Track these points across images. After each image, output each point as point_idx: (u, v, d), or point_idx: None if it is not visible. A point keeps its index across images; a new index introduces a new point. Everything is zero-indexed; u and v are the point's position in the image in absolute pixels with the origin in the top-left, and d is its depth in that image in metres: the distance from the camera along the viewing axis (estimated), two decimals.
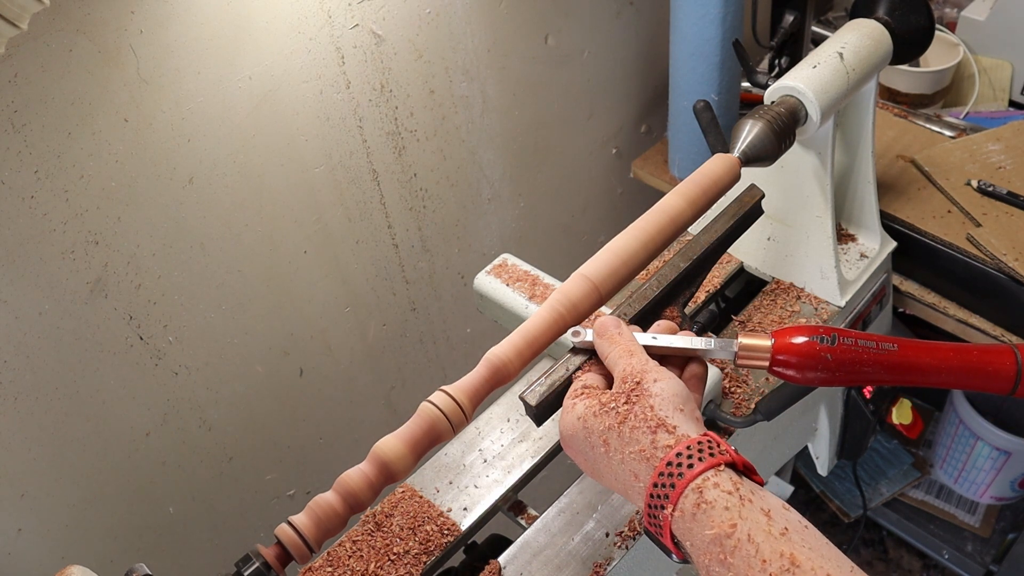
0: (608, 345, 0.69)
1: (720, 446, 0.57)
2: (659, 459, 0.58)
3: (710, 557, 0.53)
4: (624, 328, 0.70)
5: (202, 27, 0.92)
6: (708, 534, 0.53)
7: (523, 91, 1.36)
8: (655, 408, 0.61)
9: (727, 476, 0.55)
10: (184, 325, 1.06)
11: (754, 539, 0.51)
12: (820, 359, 0.68)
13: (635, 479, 0.60)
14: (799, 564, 0.50)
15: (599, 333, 0.70)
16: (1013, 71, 1.57)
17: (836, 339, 0.68)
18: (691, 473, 0.55)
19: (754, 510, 0.53)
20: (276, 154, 1.07)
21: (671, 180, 1.54)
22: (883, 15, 1.07)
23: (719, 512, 0.53)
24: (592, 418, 0.64)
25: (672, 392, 0.62)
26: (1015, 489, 1.95)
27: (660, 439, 0.59)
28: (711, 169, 0.86)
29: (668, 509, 0.56)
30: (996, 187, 1.31)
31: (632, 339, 0.69)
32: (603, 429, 0.62)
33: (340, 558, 0.86)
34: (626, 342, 0.68)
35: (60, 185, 0.88)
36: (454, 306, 1.46)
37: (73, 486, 1.03)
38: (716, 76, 1.38)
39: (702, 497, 0.54)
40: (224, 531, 1.25)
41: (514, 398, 1.02)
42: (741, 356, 0.70)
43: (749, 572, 0.51)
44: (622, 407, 0.62)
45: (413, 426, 0.69)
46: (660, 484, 0.57)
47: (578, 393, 0.67)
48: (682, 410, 0.61)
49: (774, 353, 0.69)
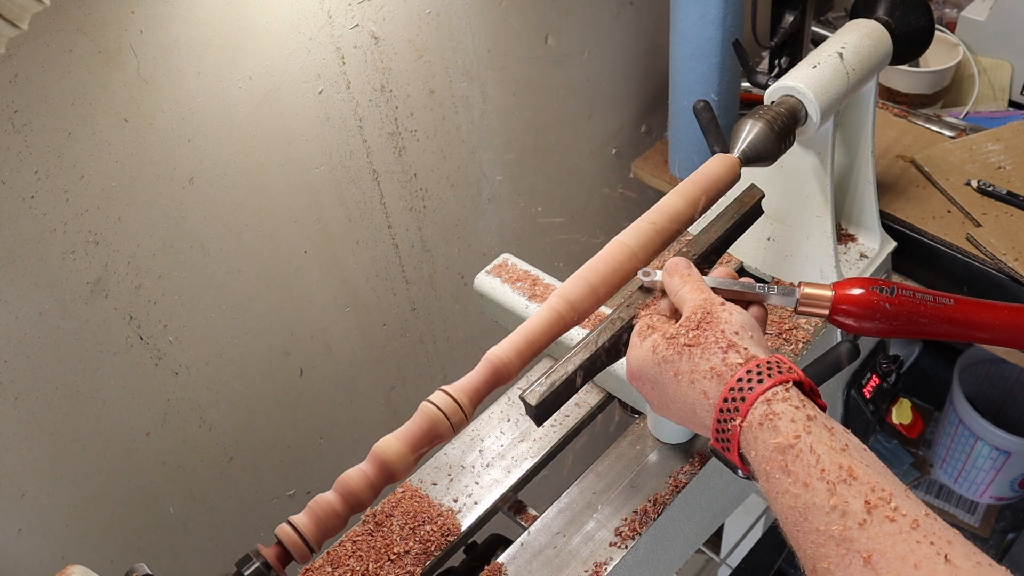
0: (679, 282, 0.72)
1: (790, 367, 0.60)
2: (729, 376, 0.61)
3: (772, 464, 0.55)
4: (693, 268, 0.73)
5: (202, 27, 0.92)
6: (772, 443, 0.56)
7: (523, 91, 1.36)
8: (726, 332, 0.64)
9: (795, 393, 0.58)
10: (184, 325, 1.06)
11: (815, 450, 0.54)
12: (879, 308, 0.70)
13: (704, 397, 0.63)
14: (856, 476, 0.52)
15: (669, 272, 0.73)
16: (1013, 71, 1.57)
17: (895, 290, 0.71)
18: (760, 387, 0.58)
19: (817, 425, 0.56)
20: (276, 154, 1.07)
21: (671, 180, 1.54)
22: (883, 15, 1.07)
23: (785, 423, 0.56)
24: (663, 346, 0.67)
25: (741, 320, 0.66)
26: (1015, 489, 1.95)
27: (731, 358, 0.62)
28: (711, 169, 0.86)
29: (737, 421, 0.59)
30: (996, 187, 1.31)
31: (701, 278, 0.72)
32: (674, 355, 0.66)
33: (340, 558, 0.86)
34: (696, 280, 0.71)
35: (60, 185, 0.88)
36: (454, 306, 1.46)
37: (73, 486, 1.03)
38: (716, 76, 1.38)
39: (770, 408, 0.57)
40: (224, 531, 1.25)
41: (514, 398, 1.02)
42: (802, 304, 0.73)
43: (808, 479, 0.53)
44: (692, 333, 0.65)
45: (413, 426, 0.69)
46: (730, 399, 0.60)
47: (647, 327, 0.70)
48: (751, 336, 0.65)
49: (835, 302, 0.72)
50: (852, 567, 0.49)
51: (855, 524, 0.50)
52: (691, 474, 0.91)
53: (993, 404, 2.01)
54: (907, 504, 0.51)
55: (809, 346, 1.04)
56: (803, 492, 0.53)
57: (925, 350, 2.08)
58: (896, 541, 0.49)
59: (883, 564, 0.48)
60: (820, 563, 0.51)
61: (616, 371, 0.96)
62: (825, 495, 0.52)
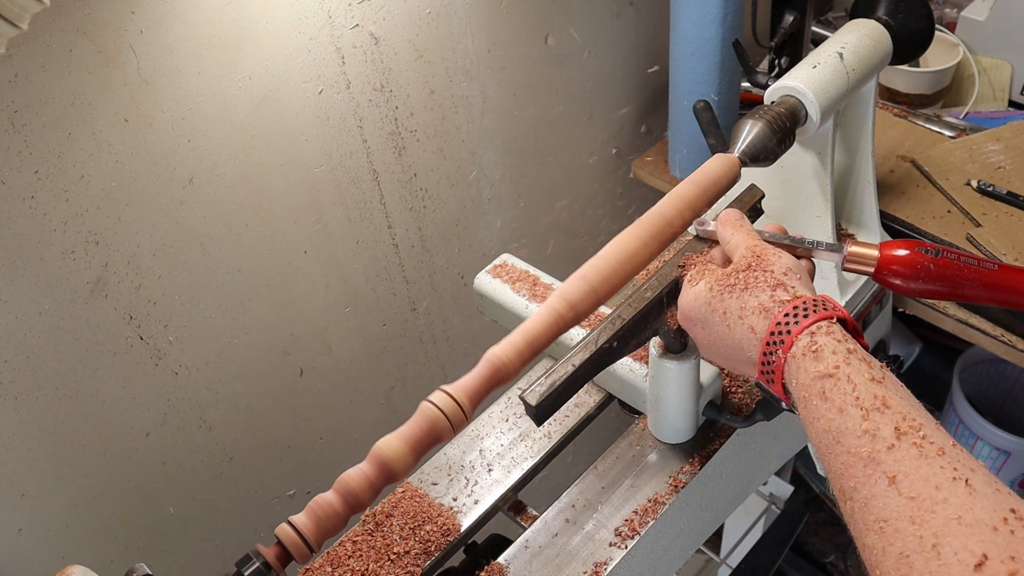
0: (732, 231, 0.76)
1: (835, 306, 0.63)
2: (777, 311, 0.65)
3: (811, 392, 0.59)
4: (746, 219, 0.78)
5: (202, 27, 0.92)
6: (814, 371, 0.59)
7: (523, 91, 1.36)
8: (774, 272, 0.68)
9: (838, 328, 0.62)
10: (184, 325, 1.06)
11: (853, 379, 0.57)
12: (923, 268, 0.73)
13: (752, 332, 0.66)
14: (889, 406, 0.55)
15: (723, 221, 0.77)
16: (1013, 71, 1.57)
17: (940, 252, 0.73)
18: (806, 321, 0.62)
19: (857, 358, 0.59)
20: (276, 154, 1.07)
21: (671, 180, 1.54)
22: (883, 15, 1.07)
23: (827, 355, 0.59)
24: (715, 285, 0.71)
25: (788, 263, 0.69)
26: (1015, 489, 1.95)
27: (778, 295, 0.66)
28: (711, 169, 0.86)
29: (782, 353, 0.62)
30: (996, 187, 1.31)
31: (752, 228, 0.76)
32: (724, 294, 0.69)
33: (340, 558, 0.86)
34: (748, 229, 0.76)
35: (60, 185, 0.88)
36: (454, 306, 1.46)
37: (73, 486, 1.03)
38: (716, 76, 1.38)
39: (813, 341, 0.61)
40: (224, 531, 1.25)
41: (514, 398, 1.02)
42: (848, 261, 0.76)
43: (844, 405, 0.56)
44: (743, 274, 0.69)
45: (413, 426, 0.69)
46: (776, 332, 0.63)
47: (699, 272, 0.75)
48: (799, 278, 0.68)
49: (880, 261, 0.74)
50: (877, 486, 0.52)
51: (884, 447, 0.53)
52: (691, 474, 0.91)
53: (993, 404, 2.00)
54: (936, 434, 0.53)
55: None
56: (838, 417, 0.57)
57: (925, 350, 2.08)
58: (920, 464, 0.51)
59: (906, 484, 0.51)
60: (847, 483, 0.54)
61: (616, 371, 0.96)
62: (858, 420, 0.55)
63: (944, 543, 0.47)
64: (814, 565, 2.14)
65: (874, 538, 0.51)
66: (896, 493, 0.51)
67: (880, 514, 0.51)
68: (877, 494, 0.52)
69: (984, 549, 0.45)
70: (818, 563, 2.15)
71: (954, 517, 0.48)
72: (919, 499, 0.50)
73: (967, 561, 0.45)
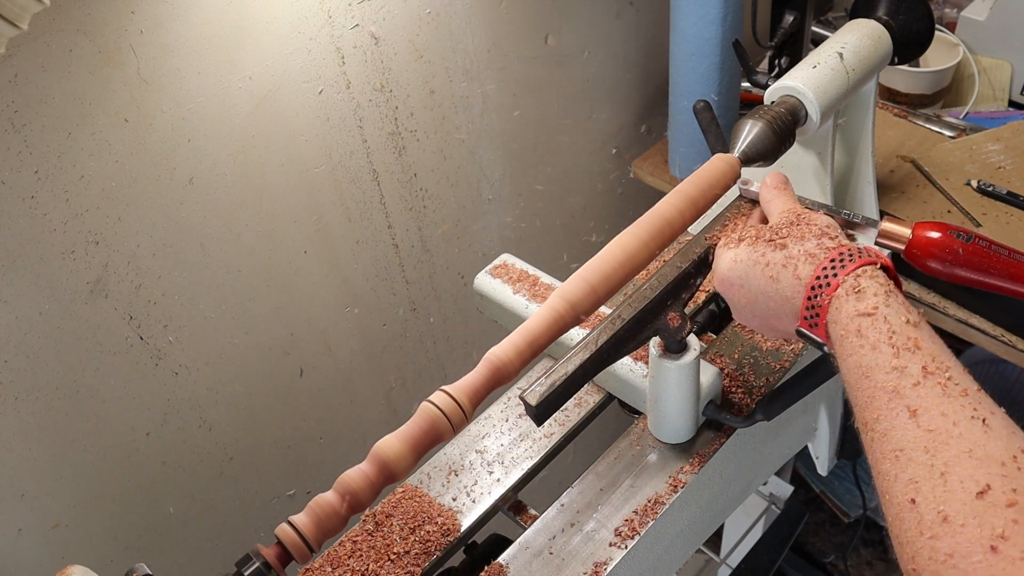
0: (775, 193, 0.78)
1: (877, 253, 0.66)
2: (823, 257, 0.67)
3: (848, 329, 0.61)
4: (789, 184, 0.79)
5: (202, 27, 0.92)
6: (853, 310, 0.62)
7: (523, 91, 1.36)
8: (818, 225, 0.70)
9: (882, 273, 0.64)
10: (184, 325, 1.06)
11: (889, 320, 0.60)
12: (952, 252, 0.74)
13: (796, 279, 0.68)
14: (920, 347, 0.58)
15: (767, 184, 0.79)
16: (1013, 71, 1.57)
17: (971, 238, 0.74)
18: (852, 265, 0.64)
19: (896, 302, 0.61)
20: (276, 154, 1.07)
21: (671, 180, 1.54)
22: (883, 15, 1.06)
23: (868, 297, 0.62)
24: (758, 243, 0.72)
25: (829, 221, 0.71)
26: None
27: (824, 243, 0.68)
28: (711, 169, 0.86)
29: (827, 295, 0.64)
30: (996, 187, 1.31)
31: (794, 193, 0.78)
32: (765, 251, 0.71)
33: (340, 558, 0.86)
34: (790, 193, 0.78)
35: (60, 185, 0.88)
36: (454, 306, 1.46)
37: (73, 486, 1.03)
38: (716, 76, 1.38)
39: (858, 283, 0.63)
40: (224, 531, 1.25)
41: (514, 398, 1.02)
42: (881, 236, 0.78)
43: (877, 343, 0.59)
44: (784, 229, 0.71)
45: (413, 426, 0.69)
46: (822, 276, 0.65)
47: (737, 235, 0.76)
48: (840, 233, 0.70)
49: (912, 240, 0.76)
50: (898, 418, 0.55)
51: (909, 384, 0.56)
52: (691, 474, 0.91)
53: None
54: (962, 377, 0.56)
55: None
56: (871, 353, 0.59)
57: None
58: (942, 401, 0.54)
59: (925, 418, 0.53)
60: (871, 414, 0.57)
61: (616, 371, 0.96)
62: (889, 356, 0.58)
63: (952, 472, 0.49)
64: (814, 565, 2.14)
65: (888, 466, 0.54)
66: (915, 425, 0.53)
67: (898, 444, 0.54)
68: (897, 425, 0.54)
69: (989, 480, 0.48)
70: (818, 563, 2.15)
71: (966, 450, 0.50)
72: (936, 432, 0.52)
73: (970, 489, 0.48)
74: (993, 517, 0.46)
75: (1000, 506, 0.46)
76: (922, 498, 0.50)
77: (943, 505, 0.48)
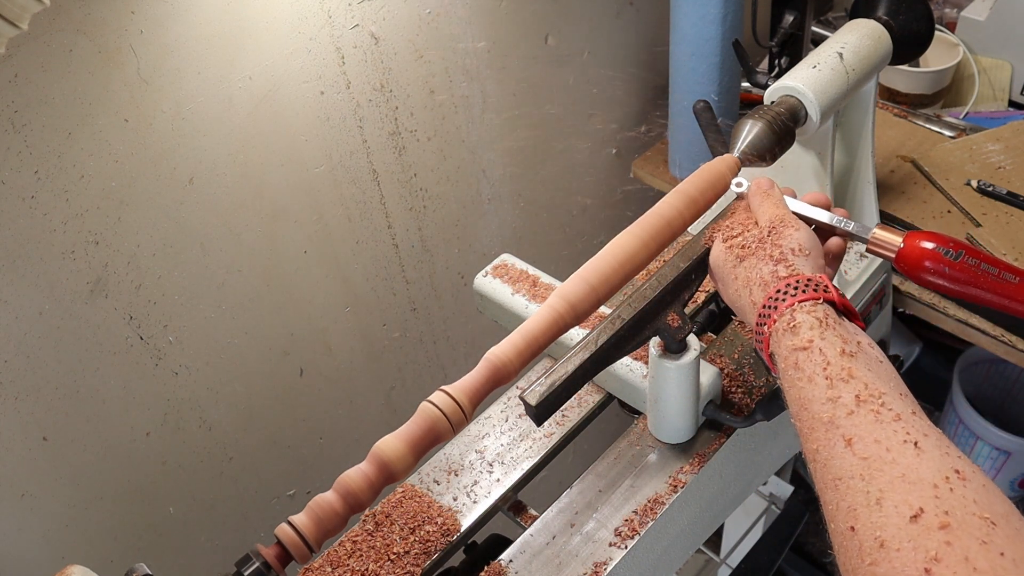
0: (761, 198, 0.79)
1: (827, 287, 0.68)
2: (771, 286, 0.69)
3: (788, 362, 0.64)
4: (776, 188, 0.81)
5: (202, 27, 0.92)
6: (790, 345, 0.64)
7: (523, 91, 1.36)
8: (782, 247, 0.72)
9: (822, 309, 0.66)
10: (184, 325, 1.06)
11: (824, 353, 0.62)
12: (938, 269, 0.75)
13: (752, 303, 0.71)
14: (854, 376, 0.60)
15: (754, 190, 0.81)
16: (1013, 71, 1.57)
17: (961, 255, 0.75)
18: (791, 300, 0.66)
19: (833, 335, 0.63)
20: (276, 154, 1.07)
21: (671, 180, 1.54)
22: (883, 15, 1.06)
23: (804, 331, 0.64)
24: (737, 250, 0.75)
25: (801, 239, 0.72)
26: (1015, 489, 1.95)
27: (779, 271, 0.70)
28: (711, 169, 0.86)
29: (767, 327, 0.67)
30: (996, 187, 1.31)
31: (781, 198, 0.80)
32: (736, 260, 0.75)
33: (340, 558, 0.86)
34: (776, 198, 0.79)
35: (60, 185, 0.88)
36: (454, 306, 1.46)
37: (73, 486, 1.03)
38: (716, 76, 1.38)
39: (793, 319, 0.65)
40: (224, 531, 1.25)
41: (514, 398, 1.02)
42: (872, 243, 0.78)
43: (813, 375, 0.61)
44: (756, 244, 0.74)
45: (413, 426, 0.69)
46: (767, 306, 0.68)
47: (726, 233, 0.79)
48: (806, 255, 0.72)
49: (902, 250, 0.76)
50: (836, 448, 0.57)
51: (844, 413, 0.58)
52: (691, 474, 0.91)
53: (993, 404, 2.00)
54: (896, 403, 0.57)
55: None
56: (807, 385, 0.61)
57: (925, 350, 2.08)
58: (875, 428, 0.56)
59: (860, 446, 0.55)
60: (811, 444, 0.59)
61: (616, 371, 0.96)
62: (824, 388, 0.60)
63: (887, 497, 0.51)
64: (814, 565, 2.14)
65: (830, 494, 0.56)
66: (851, 454, 0.55)
67: (837, 472, 0.56)
68: (835, 455, 0.56)
69: (922, 503, 0.49)
70: (818, 563, 2.15)
71: (899, 475, 0.52)
72: (870, 459, 0.54)
73: (904, 513, 0.49)
74: (927, 540, 0.47)
75: (933, 528, 0.48)
76: (860, 525, 0.51)
77: (879, 531, 0.50)
